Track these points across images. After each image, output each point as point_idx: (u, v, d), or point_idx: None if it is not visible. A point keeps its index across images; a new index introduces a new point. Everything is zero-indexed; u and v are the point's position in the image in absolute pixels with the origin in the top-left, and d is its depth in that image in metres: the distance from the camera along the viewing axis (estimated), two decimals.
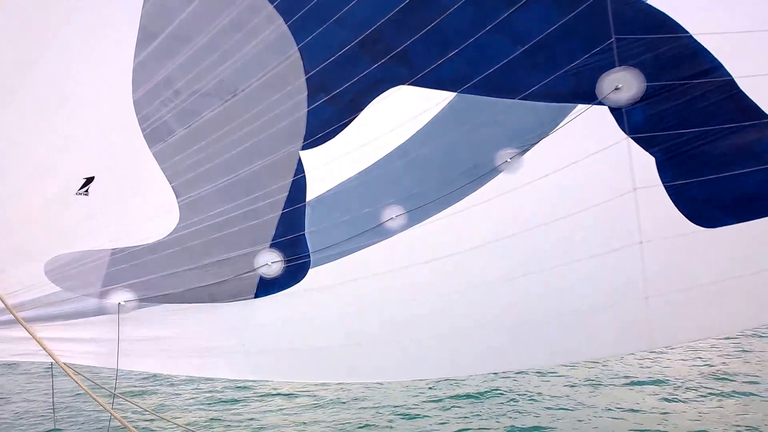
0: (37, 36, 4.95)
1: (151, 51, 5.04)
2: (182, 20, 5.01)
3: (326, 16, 4.79)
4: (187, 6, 4.97)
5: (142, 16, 5.10)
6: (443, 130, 4.55)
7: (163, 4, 5.04)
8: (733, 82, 4.04)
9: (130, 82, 5.02)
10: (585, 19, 4.16)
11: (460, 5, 4.42)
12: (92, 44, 5.09)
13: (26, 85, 5.18)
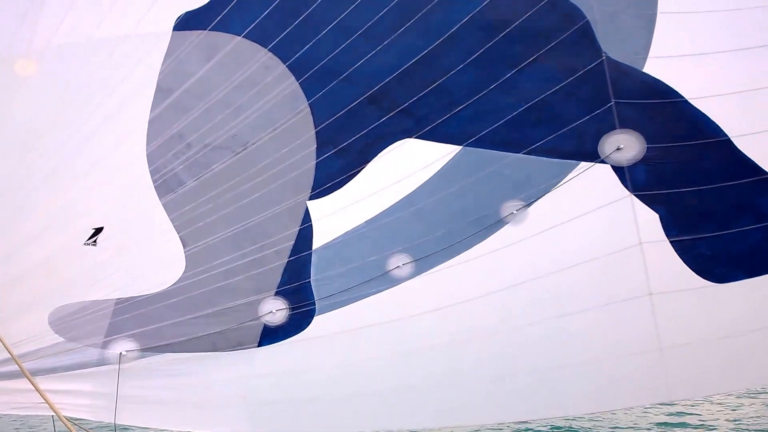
0: (60, 94, 5.45)
1: (167, 106, 5.57)
2: (198, 77, 5.58)
3: (336, 74, 5.36)
4: (204, 64, 5.56)
5: (159, 73, 5.63)
6: (450, 182, 4.94)
7: (181, 62, 5.62)
8: (730, 141, 4.48)
9: (144, 136, 5.51)
10: (585, 82, 4.67)
11: (463, 67, 4.91)
12: (109, 100, 5.58)
13: (43, 140, 5.58)
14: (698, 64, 4.69)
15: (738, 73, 4.61)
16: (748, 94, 4.53)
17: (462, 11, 5.29)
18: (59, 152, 5.68)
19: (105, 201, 5.57)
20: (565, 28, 4.97)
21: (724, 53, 4.70)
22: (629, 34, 4.85)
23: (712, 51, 4.73)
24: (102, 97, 5.76)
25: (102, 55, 5.75)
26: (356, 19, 5.60)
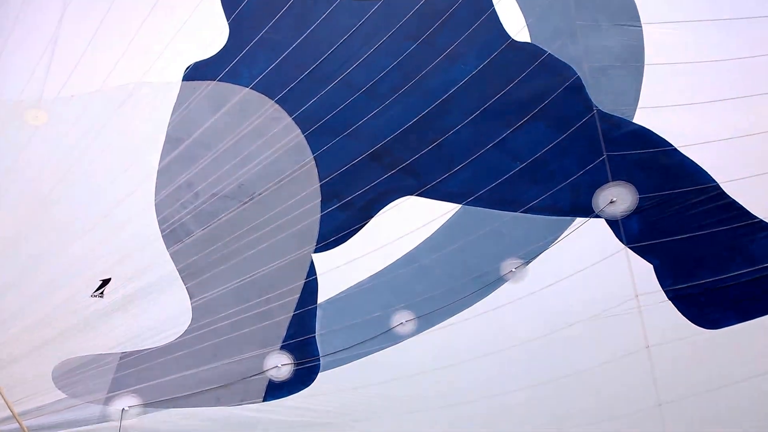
0: (71, 144, 5.75)
1: (176, 156, 5.96)
2: (207, 127, 5.98)
3: (340, 129, 5.78)
4: (213, 114, 6.03)
5: (169, 123, 5.97)
6: (450, 240, 5.32)
7: (190, 112, 6.05)
8: (719, 187, 4.83)
9: (153, 185, 5.85)
10: (577, 138, 5.06)
11: (462, 126, 5.29)
12: (121, 150, 5.90)
13: (53, 191, 5.82)
14: (686, 113, 5.15)
15: (725, 121, 5.07)
16: (735, 141, 4.97)
17: (460, 74, 5.78)
18: (69, 203, 6.05)
19: (113, 252, 5.94)
20: (557, 86, 5.46)
21: (710, 102, 5.13)
22: (618, 87, 5.34)
23: (699, 101, 5.17)
24: (114, 146, 6.20)
25: (113, 105, 6.24)
26: (360, 78, 6.06)
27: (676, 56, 5.39)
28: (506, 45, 5.80)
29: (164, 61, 6.25)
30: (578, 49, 5.60)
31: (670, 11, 5.52)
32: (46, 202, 5.93)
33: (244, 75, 6.21)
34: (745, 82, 5.21)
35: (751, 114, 5.11)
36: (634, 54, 5.45)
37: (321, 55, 6.18)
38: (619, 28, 5.58)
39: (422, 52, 5.97)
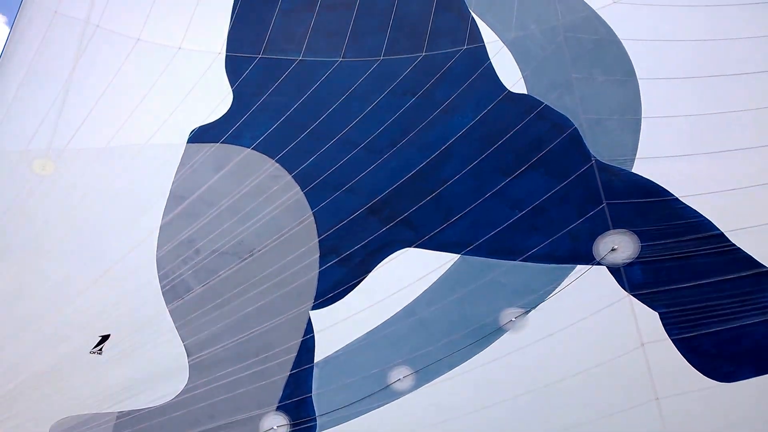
0: (77, 198, 6.02)
1: (178, 213, 6.28)
2: (209, 186, 6.30)
3: (339, 185, 6.03)
4: (215, 173, 6.37)
5: (173, 182, 6.53)
6: (449, 291, 5.40)
7: (194, 172, 6.40)
8: (724, 236, 4.93)
9: (155, 241, 6.10)
10: (576, 187, 5.22)
11: (461, 176, 5.47)
12: (126, 207, 6.20)
13: (57, 245, 6.06)
14: (686, 164, 5.29)
15: (727, 172, 5.16)
16: (739, 192, 5.05)
17: (457, 125, 6.05)
18: (72, 258, 6.37)
19: (113, 308, 6.13)
20: (555, 136, 5.67)
21: (711, 153, 5.24)
22: (616, 138, 5.52)
23: (699, 152, 5.27)
24: (118, 203, 6.56)
25: (120, 162, 6.70)
26: (359, 134, 6.38)
27: (673, 109, 5.63)
28: (503, 96, 6.08)
29: (171, 125, 6.72)
30: (575, 100, 5.84)
31: (665, 66, 5.81)
32: (49, 255, 6.27)
33: (246, 136, 6.61)
34: (745, 133, 5.41)
35: (753, 165, 5.24)
36: (631, 107, 5.69)
37: (321, 114, 6.55)
38: (614, 82, 5.84)
39: (420, 105, 6.32)
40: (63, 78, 6.46)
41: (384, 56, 6.65)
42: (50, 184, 6.35)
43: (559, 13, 6.34)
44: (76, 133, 6.46)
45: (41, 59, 6.45)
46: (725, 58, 5.63)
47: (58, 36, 6.55)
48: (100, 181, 6.45)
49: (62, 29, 6.57)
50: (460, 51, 6.45)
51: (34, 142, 6.36)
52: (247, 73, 6.81)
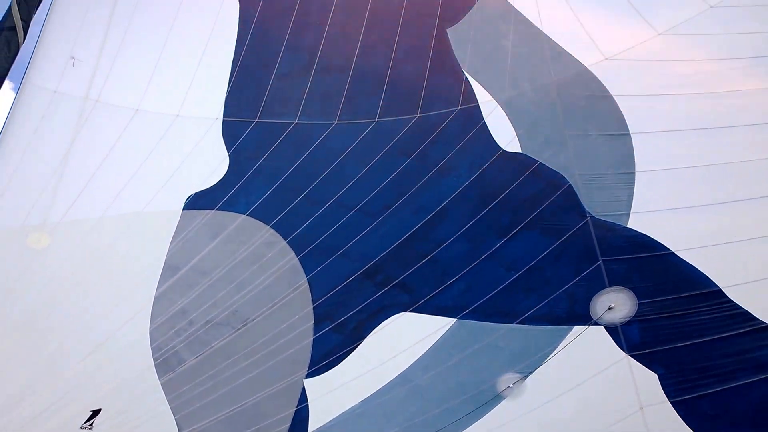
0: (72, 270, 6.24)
1: (173, 283, 6.50)
2: (204, 255, 6.53)
3: (334, 249, 6.31)
4: (211, 242, 6.65)
5: (168, 251, 6.58)
6: (444, 357, 5.50)
7: (189, 241, 6.70)
8: (721, 292, 4.99)
9: (149, 313, 6.24)
10: (572, 245, 5.34)
11: (456, 238, 5.62)
12: (121, 278, 6.39)
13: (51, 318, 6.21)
14: (681, 217, 5.45)
15: (722, 225, 5.31)
16: (734, 246, 5.13)
17: (452, 185, 6.29)
18: (66, 331, 6.56)
19: (105, 382, 6.22)
20: (550, 194, 5.87)
21: (705, 206, 5.39)
22: (611, 193, 5.75)
23: (693, 204, 5.42)
24: (113, 274, 6.78)
25: (116, 232, 7.04)
26: (354, 197, 6.64)
27: (667, 162, 5.86)
28: (498, 155, 6.34)
29: (167, 191, 7.02)
30: (569, 157, 6.08)
31: (657, 120, 6.09)
32: (42, 329, 6.40)
33: (242, 202, 6.89)
34: (739, 185, 5.56)
35: (748, 217, 5.36)
36: (625, 161, 5.91)
37: (316, 178, 6.84)
38: (608, 137, 6.07)
39: (415, 167, 6.63)
40: (61, 153, 6.81)
41: (379, 118, 6.94)
42: (45, 257, 6.56)
43: (552, 71, 6.66)
44: (73, 205, 6.72)
45: (40, 138, 6.80)
46: (717, 111, 5.87)
47: (58, 114, 6.89)
48: (95, 252, 6.77)
49: (61, 107, 6.91)
50: (455, 111, 6.74)
51: (30, 217, 6.63)
52: (244, 137, 7.15)
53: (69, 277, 6.62)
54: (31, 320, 6.47)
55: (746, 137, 5.66)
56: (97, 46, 7.11)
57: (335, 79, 7.43)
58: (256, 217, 6.83)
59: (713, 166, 5.61)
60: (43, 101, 6.83)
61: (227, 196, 7.05)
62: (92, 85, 7.01)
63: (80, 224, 6.69)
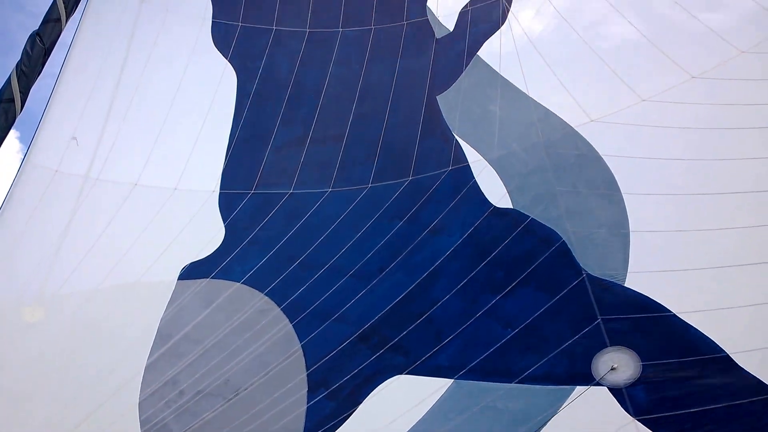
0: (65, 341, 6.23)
1: (164, 352, 6.28)
2: (197, 323, 6.42)
3: (328, 314, 6.15)
4: (204, 310, 6.54)
5: (161, 320, 6.57)
6: (443, 420, 5.30)
7: (182, 310, 6.57)
8: (729, 358, 4.66)
9: (140, 383, 6.05)
10: (569, 303, 5.18)
11: (450, 297, 5.48)
12: (112, 348, 6.33)
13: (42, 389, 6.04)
14: (681, 279, 5.22)
15: (725, 290, 5.09)
16: (740, 311, 4.86)
17: (444, 245, 6.19)
18: (56, 402, 6.26)
19: None
20: (543, 250, 5.73)
21: (706, 269, 5.19)
22: (606, 251, 5.59)
23: (694, 267, 5.25)
24: (105, 345, 6.60)
25: (109, 303, 6.89)
26: (348, 261, 6.53)
27: (662, 224, 5.77)
28: (489, 212, 6.27)
29: (162, 262, 6.93)
30: (561, 213, 6.01)
31: (648, 183, 6.09)
32: (32, 398, 6.20)
33: (237, 271, 6.79)
34: (738, 250, 5.44)
35: (753, 283, 5.16)
36: (618, 220, 5.85)
37: (310, 245, 6.77)
38: (599, 195, 6.02)
39: (408, 229, 6.53)
40: (59, 230, 6.76)
41: (372, 183, 6.95)
42: (37, 330, 6.43)
43: (540, 131, 6.70)
44: (68, 279, 6.64)
45: (38, 216, 6.76)
46: (707, 176, 5.87)
47: (57, 193, 6.90)
48: (88, 324, 6.59)
49: (61, 186, 6.93)
50: (446, 172, 6.75)
51: (25, 292, 6.53)
52: (240, 208, 7.14)
53: (60, 348, 6.43)
54: (20, 391, 6.20)
55: (735, 204, 5.55)
56: (99, 124, 7.24)
57: (329, 148, 7.48)
58: (251, 284, 6.70)
59: (709, 231, 5.46)
60: (44, 181, 6.86)
61: (222, 265, 6.97)
62: (93, 164, 7.08)
63: (75, 297, 6.58)
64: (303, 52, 8.16)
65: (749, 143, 5.98)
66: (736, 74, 6.40)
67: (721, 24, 6.80)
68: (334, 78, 7.97)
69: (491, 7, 8.06)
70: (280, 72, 8.00)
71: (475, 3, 8.13)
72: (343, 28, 8.31)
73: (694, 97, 6.42)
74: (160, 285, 6.88)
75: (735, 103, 6.25)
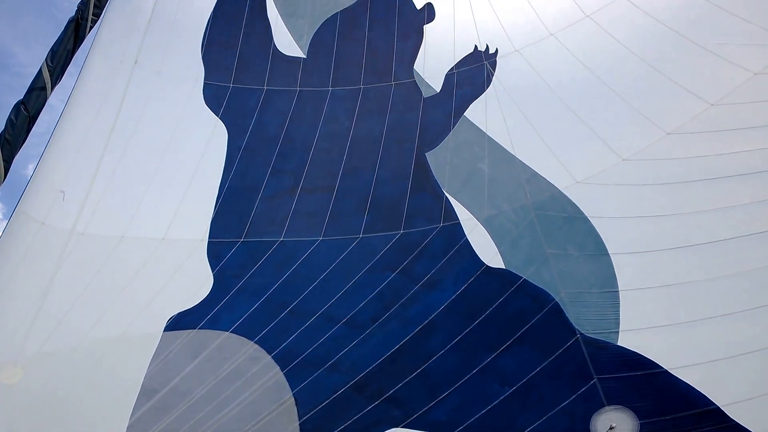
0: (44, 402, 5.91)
1: (148, 408, 5.96)
2: (184, 375, 6.05)
3: (321, 363, 5.98)
4: (191, 361, 6.24)
5: (146, 375, 6.25)
6: None
7: (168, 363, 6.52)
8: (720, 410, 4.73)
9: None
10: (565, 362, 5.26)
11: (445, 352, 5.47)
12: (94, 407, 6.00)
13: None
14: (671, 334, 5.33)
15: (713, 341, 5.19)
16: (727, 362, 5.00)
17: (438, 300, 6.21)
18: None
19: None
20: (537, 310, 5.78)
21: (693, 322, 5.33)
22: (598, 311, 5.67)
23: (681, 321, 5.39)
24: (86, 405, 6.27)
25: (91, 360, 6.52)
26: (340, 310, 6.44)
27: (650, 281, 5.89)
28: (482, 271, 6.34)
29: (148, 314, 6.68)
30: (552, 275, 6.10)
31: (634, 241, 6.31)
32: None
33: (225, 320, 6.63)
34: (726, 300, 5.61)
35: (738, 333, 5.42)
36: (608, 280, 5.98)
37: (301, 292, 6.68)
38: (588, 257, 6.17)
39: (400, 281, 6.49)
40: (42, 286, 6.46)
41: (363, 234, 6.98)
42: (12, 393, 6.05)
43: (528, 193, 6.88)
44: (49, 337, 6.32)
45: (22, 270, 6.48)
46: (688, 230, 6.08)
47: (43, 246, 6.65)
48: (68, 384, 6.17)
49: (47, 239, 6.69)
50: (437, 228, 6.83)
51: (4, 353, 6.18)
52: (229, 256, 7.00)
53: (39, 410, 6.03)
54: None
55: (728, 252, 5.73)
56: (88, 178, 7.08)
57: (319, 199, 7.46)
58: (240, 333, 6.48)
59: (697, 283, 5.63)
60: (30, 232, 6.63)
61: (210, 314, 6.75)
62: (80, 218, 6.88)
63: (55, 356, 6.22)
64: (293, 109, 8.25)
65: (726, 192, 6.20)
66: (708, 127, 6.68)
67: (690, 80, 7.09)
68: (324, 133, 8.03)
69: (476, 70, 8.35)
70: (270, 128, 8.02)
71: (460, 66, 8.41)
72: (333, 87, 8.47)
73: (671, 153, 6.69)
74: (145, 338, 6.49)
75: (709, 154, 6.48)
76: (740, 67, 6.84)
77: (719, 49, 7.08)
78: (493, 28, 8.45)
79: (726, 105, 6.75)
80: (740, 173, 6.21)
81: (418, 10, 8.81)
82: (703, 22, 7.38)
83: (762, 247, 5.81)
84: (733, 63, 6.98)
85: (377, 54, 8.57)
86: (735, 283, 5.60)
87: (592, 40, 7.76)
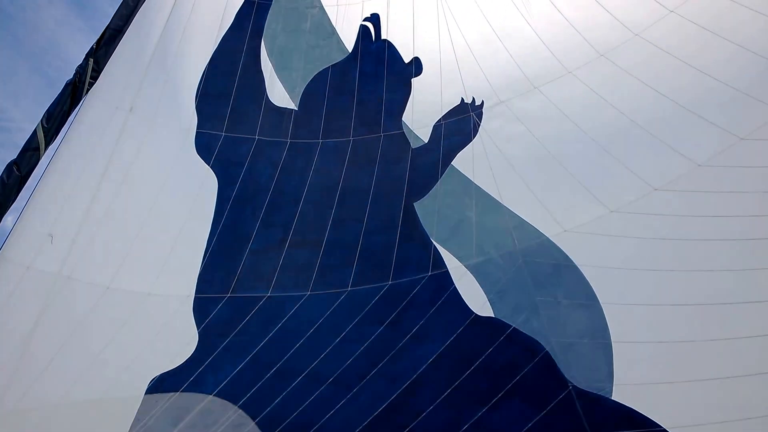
0: None
1: None
2: None
3: (307, 426, 6.02)
4: (172, 428, 5.99)
5: None
6: None
7: (149, 429, 5.97)
8: None
9: None
10: (558, 416, 4.96)
11: (434, 407, 5.17)
12: None
13: None
14: (668, 391, 4.99)
15: (713, 402, 4.86)
16: (730, 425, 4.66)
17: (426, 353, 5.86)
18: None
19: None
20: (527, 361, 5.46)
21: (692, 382, 5.04)
22: (590, 363, 5.36)
23: (679, 379, 5.07)
24: None
25: (68, 423, 6.10)
26: (326, 368, 6.12)
27: (644, 335, 5.60)
28: (470, 320, 6.05)
29: (129, 375, 6.37)
30: (542, 323, 5.79)
31: (625, 293, 6.00)
32: None
33: (209, 382, 6.31)
34: (723, 361, 5.24)
35: (738, 396, 5.04)
36: (599, 331, 5.68)
37: (287, 351, 6.37)
38: (578, 305, 5.89)
39: (388, 334, 6.20)
40: (23, 334, 6.22)
41: (351, 287, 6.73)
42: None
43: (516, 240, 6.64)
44: (27, 392, 6.04)
45: (4, 316, 6.26)
46: (676, 287, 5.77)
47: (27, 290, 6.46)
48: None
49: (32, 283, 6.50)
50: (425, 278, 6.58)
51: None
52: (215, 313, 6.75)
53: None
54: None
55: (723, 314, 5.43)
56: (76, 224, 6.90)
57: (308, 252, 7.24)
58: (223, 396, 6.13)
59: (694, 342, 5.31)
60: (15, 277, 6.43)
61: (194, 376, 6.44)
62: (66, 262, 6.68)
63: (34, 414, 5.92)
64: (284, 159, 8.17)
65: (713, 254, 5.94)
66: (694, 187, 6.50)
67: (676, 138, 6.91)
68: (314, 184, 7.91)
69: (463, 121, 8.26)
70: (260, 178, 7.90)
71: (447, 117, 8.34)
72: (323, 139, 8.41)
73: (657, 209, 6.43)
74: (125, 401, 6.16)
75: (695, 215, 6.25)
76: (727, 132, 6.70)
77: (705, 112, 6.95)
78: (479, 81, 8.41)
79: (711, 167, 6.48)
80: (726, 238, 5.91)
81: (406, 64, 8.82)
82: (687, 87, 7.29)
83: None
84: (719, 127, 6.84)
85: (367, 106, 8.54)
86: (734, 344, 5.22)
87: (576, 94, 7.67)
